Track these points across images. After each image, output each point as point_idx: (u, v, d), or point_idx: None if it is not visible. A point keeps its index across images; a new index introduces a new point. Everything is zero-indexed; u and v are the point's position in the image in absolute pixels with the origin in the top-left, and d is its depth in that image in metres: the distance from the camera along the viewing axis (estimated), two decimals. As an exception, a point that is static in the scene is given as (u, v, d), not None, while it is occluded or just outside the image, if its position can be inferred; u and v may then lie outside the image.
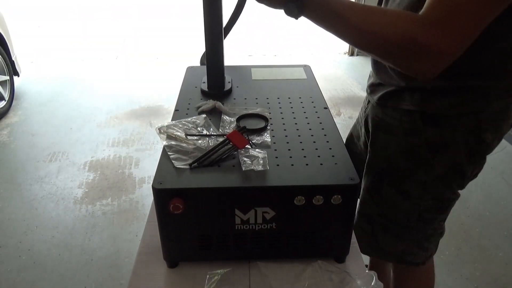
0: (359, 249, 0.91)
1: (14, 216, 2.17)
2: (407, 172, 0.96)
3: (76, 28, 5.71)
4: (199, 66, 1.29)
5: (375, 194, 1.04)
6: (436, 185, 0.95)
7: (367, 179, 1.06)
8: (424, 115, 0.90)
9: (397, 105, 0.94)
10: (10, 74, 3.31)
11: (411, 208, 0.99)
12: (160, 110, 3.35)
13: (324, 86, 1.13)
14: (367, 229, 1.08)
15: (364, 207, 1.08)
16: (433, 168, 0.93)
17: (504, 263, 1.89)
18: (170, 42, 5.13)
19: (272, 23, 5.74)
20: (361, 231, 1.10)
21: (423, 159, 0.92)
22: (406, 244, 1.07)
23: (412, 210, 0.99)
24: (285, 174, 0.77)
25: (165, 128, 0.90)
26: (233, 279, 0.82)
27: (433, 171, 0.93)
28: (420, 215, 1.00)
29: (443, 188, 0.96)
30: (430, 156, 0.92)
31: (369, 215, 1.07)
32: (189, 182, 0.76)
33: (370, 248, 1.11)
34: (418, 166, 0.94)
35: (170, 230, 0.80)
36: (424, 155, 0.92)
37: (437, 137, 0.90)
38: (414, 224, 1.02)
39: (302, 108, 1.03)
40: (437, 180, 0.94)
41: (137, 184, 2.43)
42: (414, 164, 0.94)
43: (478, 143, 0.89)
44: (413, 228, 1.03)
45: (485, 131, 0.88)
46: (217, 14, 1.00)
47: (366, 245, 1.10)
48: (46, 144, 2.84)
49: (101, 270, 1.84)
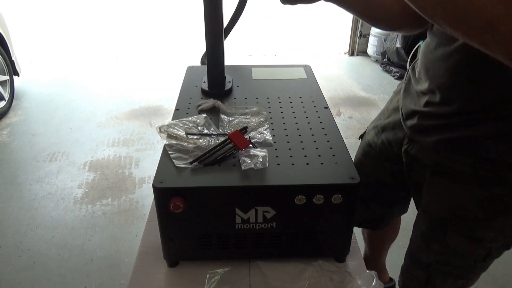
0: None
1: (14, 216, 2.17)
2: (483, 221, 0.84)
3: (76, 28, 5.71)
4: (200, 65, 1.29)
5: (434, 243, 0.92)
6: (511, 227, 0.85)
7: (422, 225, 0.94)
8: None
9: (465, 151, 0.79)
10: (10, 74, 3.31)
11: (482, 252, 0.89)
12: (160, 110, 3.35)
13: (324, 86, 1.14)
14: (421, 277, 0.98)
15: (418, 254, 0.98)
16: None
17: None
18: (170, 42, 5.13)
19: (272, 23, 5.74)
20: (412, 278, 1.01)
21: (507, 207, 0.81)
22: (465, 282, 0.97)
23: (482, 253, 0.89)
24: (286, 173, 0.77)
25: (165, 127, 0.90)
26: (234, 278, 0.81)
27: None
28: (489, 255, 0.90)
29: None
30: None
31: (425, 263, 0.96)
32: (189, 181, 0.76)
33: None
34: (499, 214, 0.82)
35: (170, 230, 0.80)
36: (510, 204, 0.80)
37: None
38: (480, 264, 0.92)
39: (303, 107, 1.03)
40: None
41: (137, 184, 2.43)
42: (494, 213, 0.82)
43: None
44: (478, 267, 0.93)
45: None
46: (217, 14, 1.00)
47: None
48: (46, 144, 2.83)
49: (101, 270, 1.84)
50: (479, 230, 0.85)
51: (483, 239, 0.86)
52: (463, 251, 0.89)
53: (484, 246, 0.87)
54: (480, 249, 0.88)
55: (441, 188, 0.87)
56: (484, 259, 0.90)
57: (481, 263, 0.91)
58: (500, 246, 0.89)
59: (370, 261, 1.46)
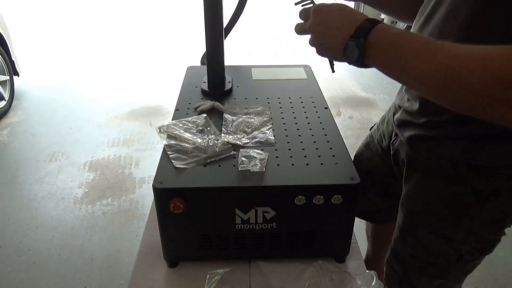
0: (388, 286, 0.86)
1: (14, 216, 2.17)
2: (449, 220, 0.84)
3: (76, 28, 5.71)
4: (200, 66, 1.29)
5: (408, 236, 0.93)
6: (482, 230, 0.84)
7: (400, 216, 0.95)
8: (472, 164, 0.77)
9: (433, 149, 0.82)
10: (10, 74, 3.30)
11: (452, 251, 0.88)
12: (160, 110, 3.35)
13: (324, 86, 1.14)
14: (399, 270, 0.99)
15: (395, 246, 0.98)
16: (480, 215, 0.81)
17: (504, 263, 1.88)
18: (170, 42, 5.13)
19: (272, 23, 5.74)
20: (392, 270, 1.01)
21: (470, 208, 0.81)
22: (443, 281, 0.96)
23: (453, 253, 0.88)
24: (286, 173, 0.77)
25: (165, 128, 0.90)
26: (234, 279, 0.81)
27: (480, 218, 0.82)
28: (462, 257, 0.89)
29: (489, 232, 0.85)
30: (478, 204, 0.80)
31: (401, 256, 0.97)
32: (189, 182, 0.76)
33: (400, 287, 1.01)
34: (463, 215, 0.82)
35: (170, 230, 0.80)
36: (471, 204, 0.80)
37: (486, 187, 0.78)
38: (454, 264, 0.91)
39: (303, 108, 1.03)
40: (484, 225, 0.83)
41: (137, 184, 2.43)
42: (458, 213, 0.83)
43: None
44: (452, 268, 0.92)
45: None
46: (217, 14, 1.00)
47: (397, 284, 1.01)
48: (46, 144, 2.83)
49: (101, 270, 1.84)
50: (447, 228, 0.86)
51: (452, 238, 0.86)
52: (433, 248, 0.89)
53: (454, 247, 0.87)
54: (449, 248, 0.88)
55: (414, 183, 0.88)
56: (458, 261, 0.89)
57: (455, 265, 0.90)
58: (474, 249, 0.87)
59: (372, 261, 1.46)
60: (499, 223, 0.84)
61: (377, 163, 1.08)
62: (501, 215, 0.82)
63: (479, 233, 0.84)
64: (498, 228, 0.85)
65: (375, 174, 1.10)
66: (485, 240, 0.87)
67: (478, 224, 0.83)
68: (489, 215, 0.81)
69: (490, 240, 0.87)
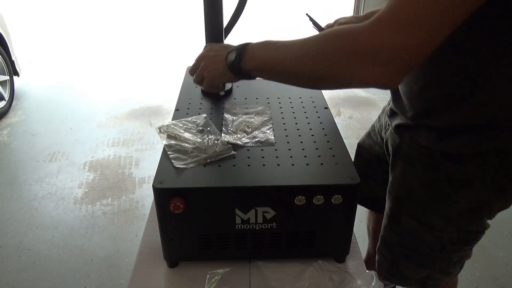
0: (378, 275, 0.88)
1: (14, 216, 2.17)
2: (429, 206, 0.89)
3: (76, 28, 5.71)
4: (199, 66, 1.28)
5: (394, 223, 0.98)
6: (461, 219, 0.88)
7: (387, 203, 1.00)
8: (444, 152, 0.83)
9: (414, 137, 0.88)
10: (10, 74, 3.31)
11: (434, 239, 0.92)
12: (160, 110, 3.35)
13: (324, 86, 1.14)
14: (388, 257, 1.03)
15: (384, 233, 1.03)
16: (457, 204, 0.86)
17: (504, 263, 1.88)
18: (170, 42, 5.13)
19: (272, 23, 5.74)
20: (382, 258, 1.05)
21: (445, 194, 0.86)
22: (429, 271, 1.00)
23: (435, 241, 0.92)
24: (286, 173, 0.77)
25: (165, 128, 0.90)
26: (234, 279, 0.81)
27: (457, 206, 0.86)
28: (444, 247, 0.93)
29: (468, 222, 0.89)
30: (452, 191, 0.85)
31: (389, 243, 1.02)
32: (189, 182, 0.76)
33: (390, 275, 1.06)
34: (440, 201, 0.87)
35: (170, 230, 0.80)
36: (445, 190, 0.85)
37: (459, 174, 0.83)
38: (438, 254, 0.95)
39: (303, 108, 1.03)
40: (462, 215, 0.87)
41: (137, 184, 2.43)
42: (436, 198, 0.88)
43: (509, 180, 0.82)
44: (437, 257, 0.96)
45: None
46: (217, 14, 1.00)
47: (386, 271, 1.05)
48: (46, 144, 2.83)
49: (101, 270, 1.84)
50: (427, 215, 0.91)
51: (433, 225, 0.90)
52: (417, 235, 0.94)
53: (435, 235, 0.91)
54: (431, 236, 0.92)
55: (399, 170, 0.94)
56: (441, 251, 0.93)
57: (439, 254, 0.94)
58: (455, 239, 0.91)
59: (373, 260, 1.46)
60: (477, 214, 0.87)
61: (377, 151, 1.12)
62: (477, 205, 0.86)
63: (459, 223, 0.89)
64: (477, 218, 0.89)
65: (375, 162, 1.14)
66: (466, 231, 0.91)
67: (456, 213, 0.87)
68: (465, 204, 0.86)
69: (471, 231, 0.91)
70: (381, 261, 1.06)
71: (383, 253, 1.05)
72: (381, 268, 1.07)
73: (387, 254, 1.04)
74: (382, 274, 1.07)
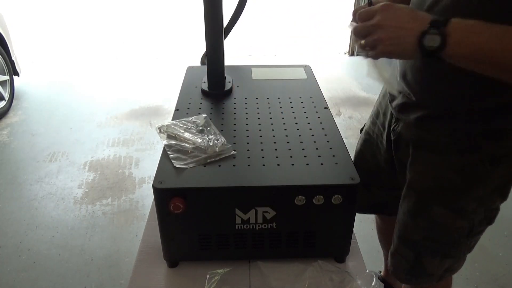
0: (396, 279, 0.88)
1: (14, 216, 2.17)
2: (462, 190, 0.88)
3: (76, 28, 5.71)
4: (200, 66, 1.29)
5: (420, 218, 0.95)
6: (491, 197, 0.90)
7: (408, 201, 0.97)
8: (486, 132, 0.83)
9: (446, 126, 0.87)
10: (10, 74, 3.30)
11: (465, 224, 0.92)
12: (160, 110, 3.35)
13: (324, 86, 1.14)
14: (409, 256, 1.00)
15: (406, 233, 0.99)
16: (492, 181, 0.87)
17: (504, 263, 1.88)
18: (170, 42, 5.13)
19: (272, 23, 5.74)
20: (401, 259, 1.01)
21: (482, 174, 0.86)
22: (451, 262, 1.00)
23: (466, 225, 0.92)
24: (286, 173, 0.77)
25: (165, 128, 0.90)
26: (234, 279, 0.81)
27: (492, 183, 0.87)
28: (472, 230, 0.93)
29: (496, 199, 0.91)
30: (492, 169, 0.85)
31: (413, 241, 0.98)
32: (189, 182, 0.76)
33: (412, 275, 1.03)
34: (478, 182, 0.87)
35: (170, 230, 0.80)
36: (484, 170, 0.85)
37: (500, 150, 0.84)
38: (464, 239, 0.95)
39: (303, 108, 1.03)
40: (493, 192, 0.89)
41: (137, 184, 2.42)
42: (471, 181, 0.87)
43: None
44: (462, 243, 0.96)
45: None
46: (217, 14, 1.00)
47: (407, 273, 1.02)
48: (46, 144, 2.83)
49: (101, 270, 1.84)
50: (460, 200, 0.90)
51: (465, 210, 0.90)
52: (447, 223, 0.93)
53: (466, 217, 0.91)
54: (463, 221, 0.91)
55: (423, 161, 0.92)
56: (468, 235, 0.94)
57: (465, 239, 0.95)
58: (482, 219, 0.92)
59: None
60: (505, 189, 0.89)
61: (378, 158, 1.10)
62: (507, 179, 0.88)
63: (487, 202, 0.90)
64: (502, 194, 0.90)
65: (377, 170, 1.11)
66: (491, 209, 0.92)
67: (489, 192, 0.88)
68: (498, 180, 0.87)
69: (494, 209, 0.93)
70: (399, 264, 1.02)
71: (403, 253, 1.01)
72: (400, 271, 1.04)
73: (408, 254, 1.00)
74: (401, 277, 1.04)
